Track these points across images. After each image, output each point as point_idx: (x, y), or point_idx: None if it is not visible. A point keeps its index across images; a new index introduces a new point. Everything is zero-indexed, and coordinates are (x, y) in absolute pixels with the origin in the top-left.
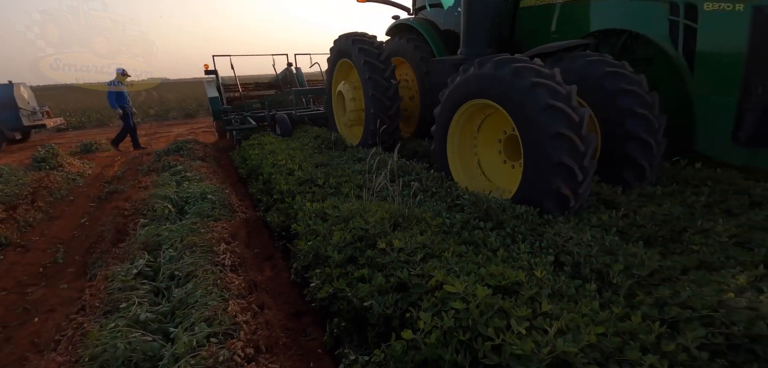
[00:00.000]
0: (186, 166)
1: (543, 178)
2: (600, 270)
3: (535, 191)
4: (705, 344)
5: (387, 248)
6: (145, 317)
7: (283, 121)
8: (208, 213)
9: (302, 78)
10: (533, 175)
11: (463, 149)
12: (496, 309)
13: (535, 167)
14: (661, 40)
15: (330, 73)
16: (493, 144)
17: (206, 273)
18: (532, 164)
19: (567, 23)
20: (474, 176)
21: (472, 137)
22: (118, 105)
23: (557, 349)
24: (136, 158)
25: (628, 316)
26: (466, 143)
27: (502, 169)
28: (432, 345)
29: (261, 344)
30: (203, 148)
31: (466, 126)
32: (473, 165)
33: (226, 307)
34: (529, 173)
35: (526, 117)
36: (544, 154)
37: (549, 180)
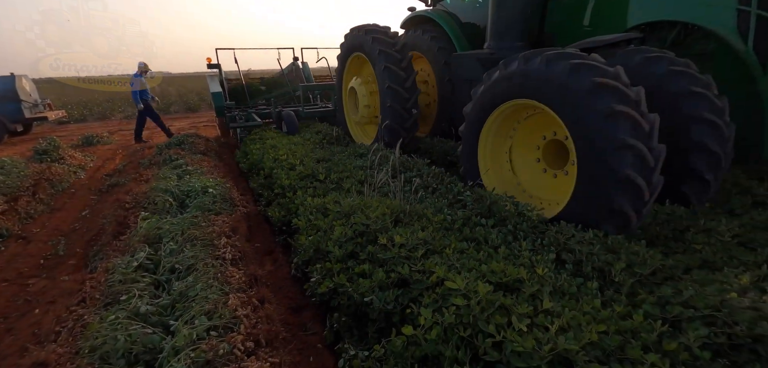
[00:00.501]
0: (187, 160)
1: (603, 195)
2: (602, 268)
3: (591, 209)
4: (707, 343)
5: (388, 243)
6: (145, 309)
7: (290, 119)
8: (209, 207)
9: (309, 73)
10: (589, 190)
11: (496, 153)
12: (497, 306)
13: (592, 182)
14: (727, 33)
15: (340, 68)
16: (530, 149)
17: (207, 267)
18: (588, 178)
19: (605, 15)
20: (508, 184)
21: (506, 139)
22: (141, 99)
23: (558, 347)
24: (137, 151)
25: (629, 315)
26: (499, 147)
27: (542, 179)
28: (432, 341)
29: (261, 338)
30: (205, 142)
31: (502, 128)
32: (507, 172)
33: (226, 301)
34: (583, 187)
35: (585, 123)
36: (607, 167)
37: (610, 197)
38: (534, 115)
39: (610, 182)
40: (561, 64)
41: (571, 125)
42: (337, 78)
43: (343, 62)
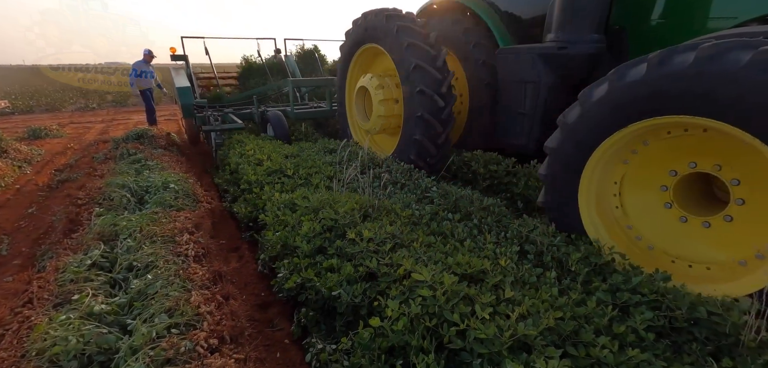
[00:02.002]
0: (147, 154)
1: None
2: (560, 259)
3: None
4: (651, 326)
5: (356, 238)
6: (99, 309)
7: (278, 121)
8: (171, 203)
9: (294, 67)
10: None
11: (602, 191)
12: (461, 296)
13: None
14: None
15: (344, 63)
16: (651, 188)
17: (167, 264)
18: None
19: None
20: (622, 235)
21: (615, 174)
22: (145, 86)
23: (518, 333)
24: (91, 145)
25: (584, 301)
26: (606, 183)
27: (677, 230)
28: (399, 332)
29: (225, 335)
30: (166, 136)
31: (614, 159)
32: (618, 217)
33: (188, 298)
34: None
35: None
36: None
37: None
38: (662, 139)
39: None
40: None
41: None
42: (340, 74)
43: (348, 55)
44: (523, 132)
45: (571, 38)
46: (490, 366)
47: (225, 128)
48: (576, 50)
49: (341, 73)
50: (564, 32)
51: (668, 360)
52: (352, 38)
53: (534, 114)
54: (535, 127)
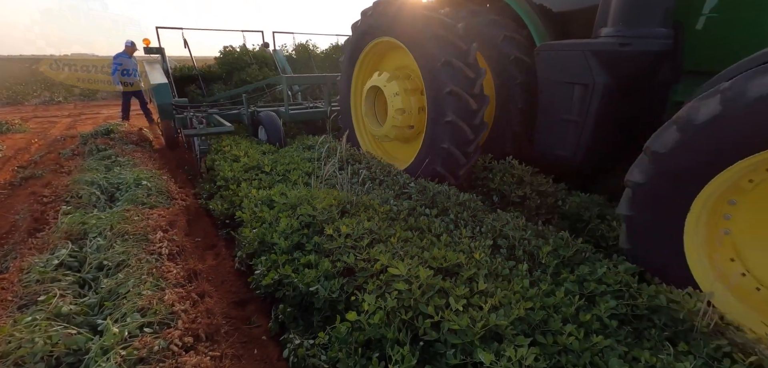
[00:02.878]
0: (117, 150)
1: None
2: (532, 252)
3: None
4: (615, 314)
5: (334, 234)
6: (68, 310)
7: (272, 123)
8: (143, 200)
9: (284, 62)
10: None
11: (710, 236)
12: (436, 289)
13: None
14: None
15: (350, 60)
16: None
17: (140, 262)
18: None
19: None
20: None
21: (722, 214)
22: (131, 87)
23: (490, 323)
24: (57, 140)
25: (553, 292)
26: (713, 226)
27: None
28: (375, 325)
29: (201, 332)
30: (138, 131)
31: (724, 195)
32: (733, 270)
33: (162, 296)
34: None
35: None
36: None
37: None
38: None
39: None
40: None
41: None
42: (344, 73)
43: (356, 51)
44: (569, 142)
45: (636, 33)
46: (463, 356)
47: (211, 133)
48: (642, 47)
49: (346, 71)
50: (627, 26)
51: (629, 346)
52: (360, 31)
53: (584, 121)
54: (585, 136)
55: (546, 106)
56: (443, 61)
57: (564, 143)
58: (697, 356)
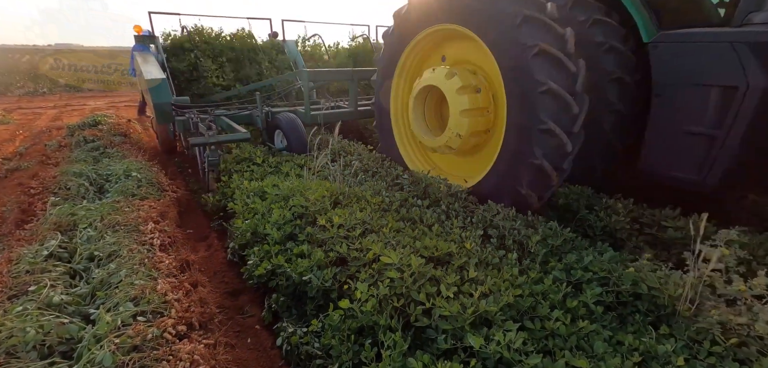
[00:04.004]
0: (105, 142)
1: None
2: (521, 242)
3: None
4: (600, 301)
5: (327, 224)
6: (59, 300)
7: (293, 126)
8: (133, 192)
9: (296, 54)
10: None
11: None
12: (428, 277)
13: None
14: None
15: (393, 54)
16: None
17: (132, 253)
18: None
19: None
20: None
21: None
22: None
23: (480, 309)
24: (42, 132)
25: (541, 280)
26: None
27: None
28: (368, 313)
29: (194, 321)
30: (126, 123)
31: None
32: None
33: (154, 286)
34: None
35: None
36: None
37: None
38: None
39: None
40: None
41: None
42: (384, 69)
43: (399, 43)
44: (697, 160)
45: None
46: (454, 341)
47: (224, 141)
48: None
49: (385, 68)
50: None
51: (614, 330)
52: (407, 18)
53: (725, 135)
54: (724, 154)
55: (662, 113)
56: (538, 51)
57: (688, 162)
58: (679, 338)
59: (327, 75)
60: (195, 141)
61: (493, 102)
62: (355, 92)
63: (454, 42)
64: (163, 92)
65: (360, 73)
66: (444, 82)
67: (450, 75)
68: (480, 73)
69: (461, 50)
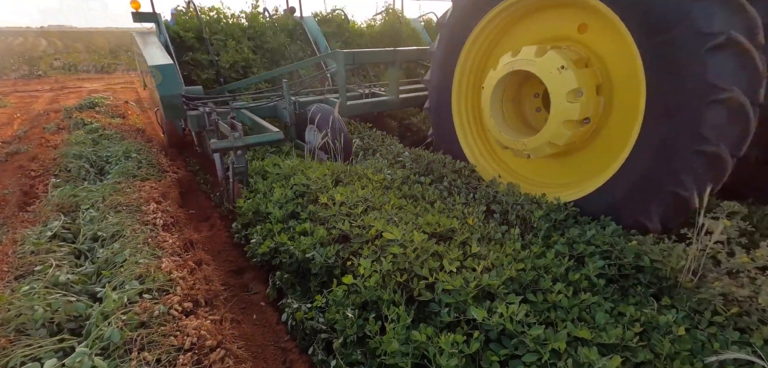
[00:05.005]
0: (104, 123)
1: None
2: (524, 217)
3: None
4: (602, 273)
5: (329, 202)
6: (65, 279)
7: (328, 119)
8: (134, 173)
9: (318, 33)
10: None
11: None
12: (430, 252)
13: None
14: None
15: (456, 34)
16: None
17: (135, 233)
18: None
19: None
20: None
21: None
22: None
23: (482, 283)
24: (40, 115)
25: (544, 254)
26: None
27: None
28: (371, 288)
29: (200, 298)
30: (124, 104)
31: None
32: None
33: (159, 264)
34: None
35: None
36: None
37: None
38: None
39: None
40: None
41: None
42: (442, 54)
43: (469, 18)
44: None
45: None
46: (457, 314)
47: (253, 144)
48: None
49: (446, 51)
50: None
51: (615, 302)
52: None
53: None
54: None
55: None
56: (724, 39)
57: None
58: (680, 309)
59: (368, 57)
60: (219, 145)
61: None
62: (397, 78)
63: (533, 21)
64: (171, 82)
65: (404, 55)
66: (545, 65)
67: (554, 58)
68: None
69: (548, 27)
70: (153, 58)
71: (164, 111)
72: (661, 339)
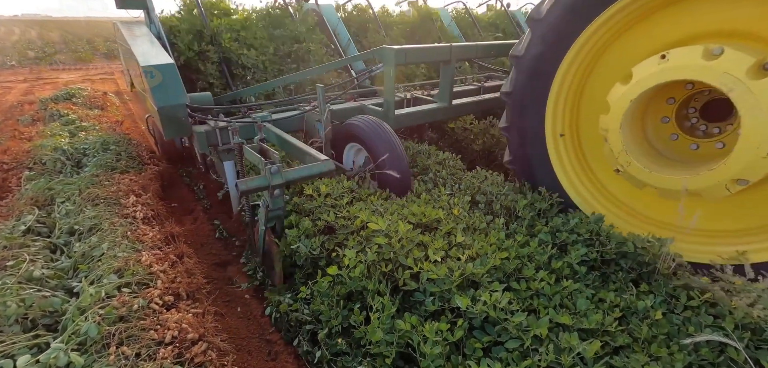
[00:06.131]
0: (81, 115)
1: None
2: (509, 206)
3: None
4: (584, 261)
5: (313, 193)
6: (40, 273)
7: (385, 137)
8: (113, 165)
9: (338, 24)
10: None
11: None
12: (415, 242)
13: None
14: None
15: (562, 35)
16: None
17: (114, 226)
18: None
19: None
20: None
21: None
22: None
23: (467, 272)
24: (13, 106)
25: (527, 243)
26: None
27: None
28: (356, 278)
29: (181, 291)
30: (102, 95)
31: None
32: None
33: (139, 258)
34: None
35: None
36: None
37: None
38: None
39: None
40: None
41: None
42: (535, 56)
43: (584, 14)
44: None
45: None
46: (441, 302)
47: (297, 179)
48: None
49: (547, 51)
50: None
51: (596, 288)
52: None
53: None
54: None
55: None
56: None
57: None
58: (657, 294)
59: (421, 55)
60: (250, 186)
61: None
62: (451, 80)
63: (656, 21)
64: (172, 87)
65: (462, 51)
66: (738, 69)
67: (743, 62)
68: None
69: (680, 26)
70: (147, 56)
71: (163, 127)
72: (639, 324)
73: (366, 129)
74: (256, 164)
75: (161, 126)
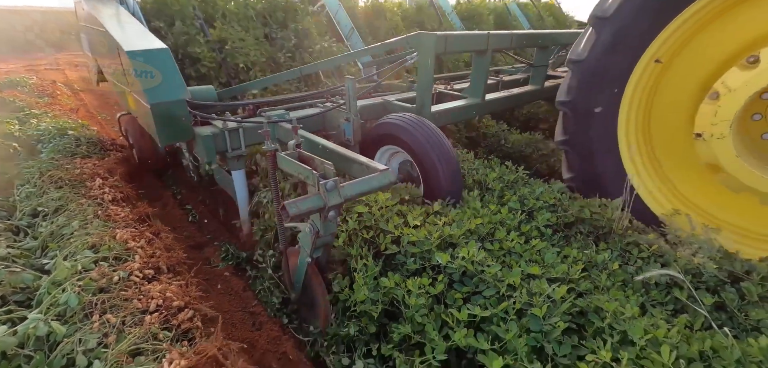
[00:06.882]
0: (29, 103)
1: None
2: (481, 180)
3: None
4: (549, 224)
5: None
6: (5, 253)
7: (433, 137)
8: (73, 150)
9: (339, 9)
10: None
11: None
12: (395, 211)
13: None
14: None
15: (634, 36)
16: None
17: (82, 206)
18: None
19: None
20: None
21: None
22: None
23: (445, 234)
24: None
25: (499, 211)
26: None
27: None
28: (340, 247)
29: (162, 265)
30: (52, 84)
31: None
32: None
33: (113, 234)
34: None
35: None
36: None
37: None
38: None
39: None
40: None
41: None
42: (601, 58)
43: (661, 13)
44: None
45: None
46: (421, 262)
47: (355, 197)
48: None
49: (616, 53)
50: None
51: (561, 246)
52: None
53: None
54: None
55: None
56: None
57: None
58: (613, 250)
59: (461, 42)
60: (303, 209)
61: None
62: (486, 72)
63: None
64: (170, 80)
65: (498, 40)
66: None
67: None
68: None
69: None
70: (130, 40)
71: (158, 130)
72: (599, 274)
73: (411, 130)
74: (302, 177)
75: (155, 129)
